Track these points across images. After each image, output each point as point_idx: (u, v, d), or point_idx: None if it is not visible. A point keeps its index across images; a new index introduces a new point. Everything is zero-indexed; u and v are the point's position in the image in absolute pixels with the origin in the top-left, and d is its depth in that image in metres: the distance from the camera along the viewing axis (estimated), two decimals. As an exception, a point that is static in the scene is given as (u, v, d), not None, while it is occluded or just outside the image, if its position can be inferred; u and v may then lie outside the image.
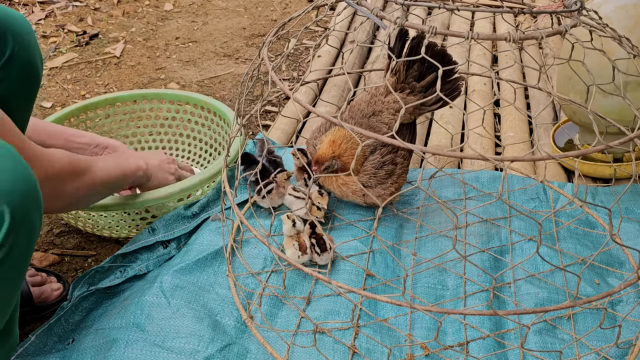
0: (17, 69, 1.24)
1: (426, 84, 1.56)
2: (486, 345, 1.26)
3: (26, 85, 1.28)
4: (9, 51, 1.22)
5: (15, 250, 0.92)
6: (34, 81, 1.30)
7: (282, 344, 1.24)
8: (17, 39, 1.22)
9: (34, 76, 1.29)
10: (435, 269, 1.47)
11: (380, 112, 1.56)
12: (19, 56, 1.24)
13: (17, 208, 0.90)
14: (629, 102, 1.14)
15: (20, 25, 1.24)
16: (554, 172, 1.89)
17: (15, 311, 1.05)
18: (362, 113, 1.57)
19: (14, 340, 1.08)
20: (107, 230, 1.62)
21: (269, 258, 1.47)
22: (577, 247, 1.53)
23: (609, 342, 1.27)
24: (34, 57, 1.28)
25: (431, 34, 0.99)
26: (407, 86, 1.56)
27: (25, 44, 1.24)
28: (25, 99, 1.30)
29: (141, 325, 1.24)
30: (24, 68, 1.25)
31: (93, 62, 2.69)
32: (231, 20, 3.14)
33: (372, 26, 2.92)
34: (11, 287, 0.97)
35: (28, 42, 1.25)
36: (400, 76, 1.56)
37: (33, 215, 0.95)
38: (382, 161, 1.54)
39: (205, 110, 1.91)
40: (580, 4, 1.05)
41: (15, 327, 1.07)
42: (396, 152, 1.56)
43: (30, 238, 0.96)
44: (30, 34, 1.26)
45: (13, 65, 1.23)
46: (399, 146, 1.61)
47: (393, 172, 1.55)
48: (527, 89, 2.43)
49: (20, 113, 1.31)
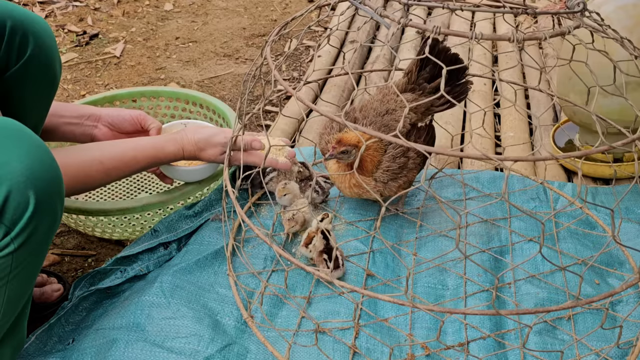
0: (36, 69, 1.27)
1: (436, 85, 1.56)
2: (486, 346, 1.26)
3: (44, 86, 1.31)
4: (29, 52, 1.25)
5: (36, 237, 0.94)
6: (51, 83, 1.32)
7: (283, 344, 1.24)
8: (37, 41, 1.26)
9: (52, 78, 1.32)
10: (435, 269, 1.47)
11: (394, 110, 1.56)
12: (39, 57, 1.27)
13: (41, 195, 0.92)
14: (630, 102, 1.14)
15: (42, 28, 1.27)
16: (554, 172, 1.89)
17: (25, 307, 1.05)
18: (375, 111, 1.56)
19: (21, 338, 1.08)
20: (107, 231, 1.62)
21: (270, 257, 1.47)
22: (577, 248, 1.53)
23: (609, 342, 1.27)
24: (53, 59, 1.31)
25: (434, 34, 0.99)
26: (418, 87, 1.57)
27: (45, 46, 1.27)
28: (42, 100, 1.33)
29: (141, 325, 1.24)
30: (43, 69, 1.28)
31: (93, 62, 2.68)
32: (231, 20, 3.14)
33: (373, 26, 2.92)
34: (26, 275, 0.98)
35: (49, 44, 1.28)
36: (412, 77, 1.57)
37: (56, 204, 0.97)
38: (394, 154, 1.53)
39: (205, 108, 1.91)
40: (583, 5, 1.05)
41: (23, 324, 1.08)
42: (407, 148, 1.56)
43: (51, 227, 0.98)
44: (51, 37, 1.30)
45: (32, 66, 1.26)
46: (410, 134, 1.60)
47: (405, 165, 1.54)
48: (527, 90, 2.43)
49: (36, 113, 1.34)
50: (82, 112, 1.53)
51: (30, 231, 0.92)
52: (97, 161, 1.33)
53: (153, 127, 1.57)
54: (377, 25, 2.93)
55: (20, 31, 1.24)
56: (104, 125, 1.53)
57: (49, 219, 0.96)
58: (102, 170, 1.34)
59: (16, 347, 1.08)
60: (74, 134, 1.52)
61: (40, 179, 0.93)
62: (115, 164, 1.36)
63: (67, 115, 1.50)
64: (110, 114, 1.55)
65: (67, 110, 1.51)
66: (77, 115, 1.52)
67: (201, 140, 1.45)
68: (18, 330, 1.06)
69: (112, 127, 1.54)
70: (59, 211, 0.98)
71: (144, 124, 1.57)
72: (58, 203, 0.98)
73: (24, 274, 0.96)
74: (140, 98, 1.94)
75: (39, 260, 1.01)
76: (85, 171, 1.32)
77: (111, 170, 1.35)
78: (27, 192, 0.91)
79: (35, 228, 0.93)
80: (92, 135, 1.53)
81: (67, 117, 1.50)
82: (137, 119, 1.56)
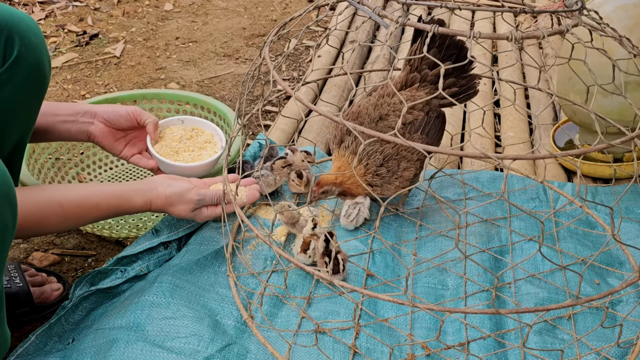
0: (24, 70, 1.22)
1: (438, 72, 1.52)
2: (486, 345, 1.26)
3: (33, 87, 1.26)
4: (16, 52, 1.20)
5: None
6: (41, 83, 1.28)
7: (283, 344, 1.24)
8: (24, 41, 1.21)
9: (41, 78, 1.27)
10: (435, 269, 1.47)
11: (387, 115, 1.54)
12: (26, 58, 1.22)
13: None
14: (630, 101, 1.14)
15: (28, 27, 1.22)
16: (554, 172, 1.89)
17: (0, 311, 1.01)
18: (370, 117, 1.54)
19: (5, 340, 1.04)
20: (107, 230, 1.62)
21: (269, 258, 1.47)
22: (577, 247, 1.53)
23: (609, 342, 1.27)
24: (42, 59, 1.26)
25: (434, 32, 0.99)
26: (419, 75, 1.53)
27: (32, 46, 1.23)
28: (31, 101, 1.28)
29: (141, 325, 1.24)
30: (31, 70, 1.23)
31: (93, 62, 2.68)
32: (231, 20, 3.14)
33: (373, 26, 2.92)
34: None
35: (36, 44, 1.23)
36: (415, 62, 1.54)
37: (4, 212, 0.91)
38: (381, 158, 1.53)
39: (205, 110, 1.91)
40: (581, 3, 1.05)
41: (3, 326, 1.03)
42: (399, 147, 1.54)
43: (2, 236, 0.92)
44: (38, 36, 1.25)
45: (20, 67, 1.21)
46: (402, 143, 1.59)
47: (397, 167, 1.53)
48: (527, 89, 2.43)
49: (26, 115, 1.30)
50: (77, 109, 1.50)
51: None
52: (57, 203, 1.26)
53: (149, 122, 1.56)
54: (376, 25, 2.93)
55: (5, 31, 1.19)
56: (100, 121, 1.51)
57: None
58: (61, 213, 1.26)
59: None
60: (70, 132, 1.49)
61: None
62: (75, 209, 1.29)
63: (62, 114, 1.47)
64: (105, 110, 1.52)
65: (61, 108, 1.48)
66: (72, 112, 1.49)
67: (173, 195, 1.39)
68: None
69: (108, 123, 1.52)
70: (9, 219, 0.93)
71: (139, 120, 1.56)
72: (7, 211, 0.92)
73: None
74: (141, 100, 1.94)
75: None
76: (42, 212, 1.24)
77: (70, 215, 1.28)
78: None
79: None
80: (88, 132, 1.51)
81: (62, 115, 1.47)
82: (133, 115, 1.55)
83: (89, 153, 1.87)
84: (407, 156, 1.53)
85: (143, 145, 1.60)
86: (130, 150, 1.58)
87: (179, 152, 1.60)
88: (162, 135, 1.64)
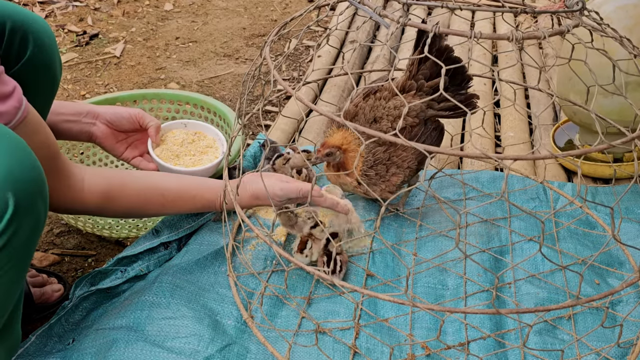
0: (36, 71, 1.25)
1: (434, 84, 1.53)
2: (486, 346, 1.26)
3: (44, 88, 1.28)
4: (29, 53, 1.23)
5: (17, 240, 0.92)
6: (51, 83, 1.30)
7: (283, 344, 1.24)
8: (37, 42, 1.23)
9: (52, 79, 1.29)
10: (435, 269, 1.47)
11: (381, 118, 1.54)
12: (39, 58, 1.24)
13: (21, 196, 0.90)
14: (630, 101, 1.14)
15: (42, 28, 1.25)
16: (554, 172, 1.89)
17: (17, 309, 1.04)
18: (365, 118, 1.56)
19: (16, 339, 1.07)
20: (107, 230, 1.62)
21: (270, 258, 1.47)
22: (577, 248, 1.53)
23: (609, 342, 1.27)
24: (53, 60, 1.28)
25: (433, 32, 0.99)
26: (416, 84, 1.54)
27: (45, 47, 1.25)
28: (42, 102, 1.29)
29: (141, 326, 1.24)
30: (43, 71, 1.26)
31: (93, 62, 2.68)
32: (231, 20, 3.14)
33: (373, 26, 2.92)
34: (11, 280, 0.96)
35: (48, 45, 1.26)
36: (413, 69, 1.54)
37: (38, 205, 0.94)
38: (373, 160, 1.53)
39: (205, 110, 1.91)
40: (581, 4, 1.05)
41: (17, 326, 1.06)
42: (391, 153, 1.55)
43: (34, 230, 0.95)
44: (51, 37, 1.27)
45: (32, 67, 1.24)
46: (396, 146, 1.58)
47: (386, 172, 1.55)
48: (527, 89, 2.43)
49: None
50: (79, 109, 1.51)
51: (10, 234, 0.90)
52: (160, 192, 1.34)
53: (152, 125, 1.57)
54: (377, 25, 2.93)
55: (20, 32, 1.22)
56: (102, 122, 1.52)
57: (30, 221, 0.93)
58: (162, 202, 1.35)
59: (10, 348, 1.07)
60: (72, 131, 1.50)
61: (19, 180, 0.90)
62: (175, 199, 1.36)
63: (65, 113, 1.48)
64: (108, 111, 1.53)
65: (64, 107, 1.49)
66: (74, 112, 1.50)
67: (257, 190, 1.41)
68: (11, 332, 1.05)
69: (111, 125, 1.53)
70: (42, 212, 0.96)
71: (142, 122, 1.56)
72: (40, 204, 0.95)
73: (8, 277, 0.94)
74: (141, 100, 1.94)
75: (23, 263, 0.98)
76: (146, 199, 1.33)
77: (168, 204, 1.36)
78: (5, 194, 0.88)
79: (16, 230, 0.91)
80: (90, 133, 1.51)
81: (65, 114, 1.48)
82: (136, 118, 1.55)
83: (89, 153, 1.87)
84: (398, 162, 1.53)
85: (144, 147, 1.60)
86: (131, 153, 1.58)
87: (180, 155, 1.61)
88: (164, 138, 1.64)
